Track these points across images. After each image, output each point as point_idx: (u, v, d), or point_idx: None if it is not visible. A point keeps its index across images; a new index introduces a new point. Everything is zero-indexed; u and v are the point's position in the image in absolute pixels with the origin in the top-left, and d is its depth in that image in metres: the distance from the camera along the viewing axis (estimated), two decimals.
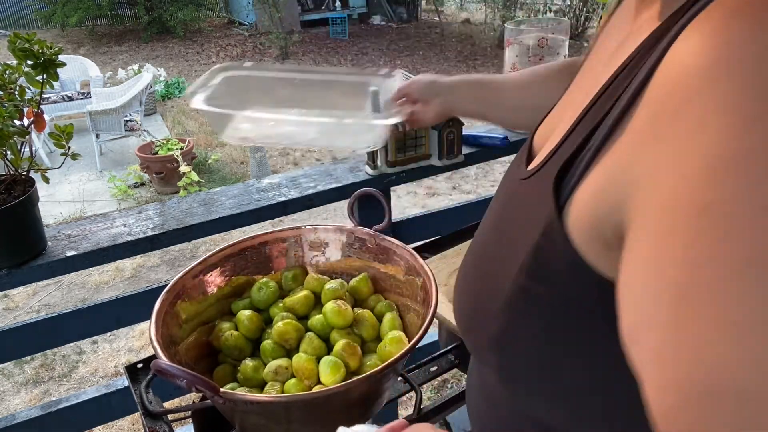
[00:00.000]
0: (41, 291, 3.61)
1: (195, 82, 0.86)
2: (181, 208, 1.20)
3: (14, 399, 2.78)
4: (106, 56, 9.91)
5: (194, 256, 3.91)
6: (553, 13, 9.31)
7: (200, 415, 0.81)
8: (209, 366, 0.88)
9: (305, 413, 0.74)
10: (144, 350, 3.04)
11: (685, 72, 0.33)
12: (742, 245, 0.29)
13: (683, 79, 0.33)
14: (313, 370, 0.82)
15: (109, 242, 1.09)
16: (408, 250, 0.90)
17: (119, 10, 11.92)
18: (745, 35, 0.31)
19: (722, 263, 0.29)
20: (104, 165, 5.52)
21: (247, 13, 11.42)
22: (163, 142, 4.99)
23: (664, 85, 0.35)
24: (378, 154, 1.29)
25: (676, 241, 0.31)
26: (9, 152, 0.99)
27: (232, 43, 10.67)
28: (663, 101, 0.35)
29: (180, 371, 0.66)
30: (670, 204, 0.32)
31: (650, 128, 0.35)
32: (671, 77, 0.35)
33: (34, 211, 1.03)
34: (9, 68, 0.97)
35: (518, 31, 1.39)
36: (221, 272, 0.94)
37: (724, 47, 0.32)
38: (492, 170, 5.13)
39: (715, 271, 0.29)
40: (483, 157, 1.44)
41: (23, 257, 1.03)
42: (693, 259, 0.30)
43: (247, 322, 0.89)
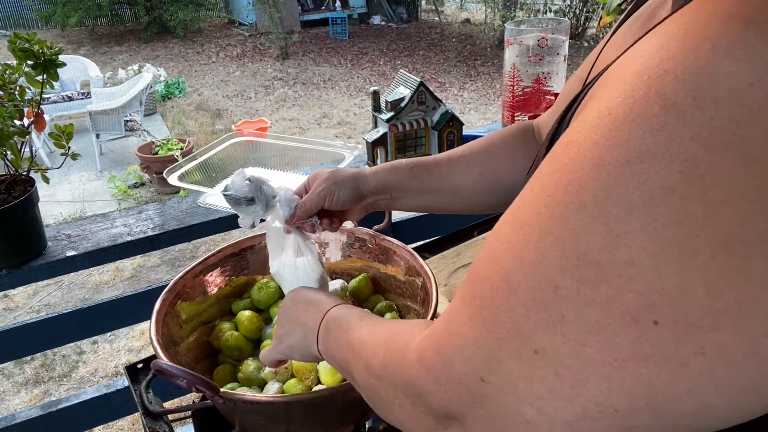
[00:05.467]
0: (41, 291, 3.61)
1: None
2: (181, 208, 1.20)
3: (14, 399, 2.78)
4: (106, 56, 9.91)
5: (194, 256, 3.90)
6: (553, 13, 9.31)
7: (200, 415, 0.81)
8: (209, 366, 0.88)
9: (305, 413, 0.74)
10: (144, 350, 3.04)
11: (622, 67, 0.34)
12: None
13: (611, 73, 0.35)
14: (313, 368, 0.82)
15: (109, 242, 1.09)
16: (408, 250, 0.90)
17: (119, 10, 11.92)
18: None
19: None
20: (104, 165, 5.52)
21: (247, 13, 11.42)
22: (163, 142, 4.99)
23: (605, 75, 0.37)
24: (378, 154, 1.29)
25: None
26: (9, 152, 0.99)
27: (232, 43, 10.66)
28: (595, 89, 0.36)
29: (180, 371, 0.66)
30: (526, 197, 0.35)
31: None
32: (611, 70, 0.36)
33: (34, 211, 1.03)
34: (9, 68, 0.97)
35: (518, 31, 1.39)
36: (221, 272, 0.94)
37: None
38: None
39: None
40: None
41: (23, 257, 1.03)
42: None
43: (247, 322, 0.89)
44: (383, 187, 0.75)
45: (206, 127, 6.63)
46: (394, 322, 0.55)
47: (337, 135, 6.34)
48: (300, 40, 10.45)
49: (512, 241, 0.35)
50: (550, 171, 0.34)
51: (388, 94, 1.29)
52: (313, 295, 0.68)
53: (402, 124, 1.27)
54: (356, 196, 0.75)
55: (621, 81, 0.32)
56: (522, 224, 0.34)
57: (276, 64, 9.30)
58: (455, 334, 0.38)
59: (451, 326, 0.39)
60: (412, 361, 0.43)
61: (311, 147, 1.24)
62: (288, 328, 0.68)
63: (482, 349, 0.35)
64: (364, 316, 0.59)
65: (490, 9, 10.45)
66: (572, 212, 0.31)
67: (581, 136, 0.33)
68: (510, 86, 1.44)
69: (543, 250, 0.32)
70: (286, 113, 7.19)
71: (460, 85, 8.08)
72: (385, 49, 10.00)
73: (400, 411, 0.46)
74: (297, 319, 0.66)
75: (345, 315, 0.61)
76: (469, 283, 0.39)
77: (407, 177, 0.75)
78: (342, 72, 8.85)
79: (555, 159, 0.34)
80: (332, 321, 0.61)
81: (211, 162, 1.19)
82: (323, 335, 0.62)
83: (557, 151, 0.35)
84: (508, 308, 0.34)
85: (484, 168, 0.75)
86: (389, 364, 0.47)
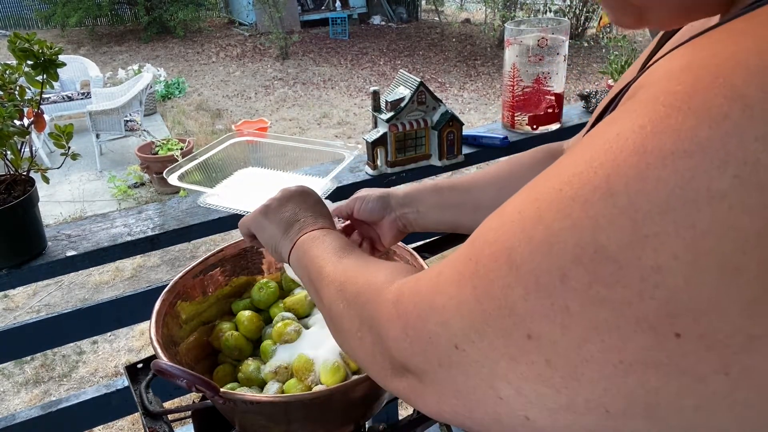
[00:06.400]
0: (41, 291, 3.61)
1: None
2: (181, 208, 1.19)
3: (14, 399, 2.78)
4: (106, 56, 9.91)
5: (194, 256, 3.90)
6: (553, 13, 9.31)
7: (200, 415, 0.81)
8: (209, 366, 0.88)
9: (305, 413, 0.74)
10: (144, 350, 3.04)
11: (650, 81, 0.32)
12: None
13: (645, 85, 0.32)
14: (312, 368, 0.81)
15: (109, 242, 1.09)
16: (408, 250, 0.90)
17: (119, 10, 11.92)
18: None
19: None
20: (104, 165, 5.52)
21: (247, 13, 11.41)
22: (163, 142, 4.99)
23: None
24: (378, 154, 1.29)
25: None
26: (9, 152, 0.99)
27: (232, 43, 10.66)
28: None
29: (180, 371, 0.66)
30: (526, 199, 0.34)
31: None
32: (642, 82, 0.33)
33: (34, 211, 1.03)
34: (9, 68, 0.97)
35: (518, 31, 1.39)
36: (221, 272, 0.94)
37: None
38: None
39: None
40: (483, 157, 1.44)
41: (23, 257, 1.03)
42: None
43: (247, 322, 0.89)
44: (410, 200, 0.76)
45: (206, 127, 6.63)
46: (381, 260, 0.54)
47: (337, 135, 6.34)
48: (300, 40, 10.45)
49: (524, 213, 0.32)
50: (581, 148, 0.31)
51: (388, 94, 1.29)
52: (318, 206, 0.69)
53: (402, 124, 1.27)
54: (384, 205, 0.76)
55: (682, 70, 0.29)
56: (539, 197, 0.32)
57: (276, 64, 9.30)
58: (438, 291, 0.36)
59: (439, 282, 0.37)
60: (387, 300, 0.42)
61: (311, 147, 1.24)
62: (281, 206, 0.68)
63: (464, 317, 0.34)
64: (355, 247, 0.60)
65: (490, 9, 10.44)
66: (597, 198, 0.28)
67: (626, 116, 0.30)
68: (510, 86, 1.44)
69: (556, 233, 0.29)
70: (286, 113, 7.19)
71: (460, 85, 8.08)
72: (385, 49, 10.00)
73: (358, 344, 0.45)
74: (293, 209, 0.67)
75: (336, 239, 0.61)
76: (471, 241, 0.36)
77: (431, 191, 0.76)
78: (342, 72, 8.85)
79: (591, 136, 0.31)
80: (322, 237, 0.61)
81: (211, 162, 1.19)
82: (305, 242, 0.61)
83: (595, 129, 0.32)
84: (504, 284, 0.31)
85: (506, 185, 0.75)
86: (363, 293, 0.46)
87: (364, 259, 0.55)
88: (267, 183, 1.24)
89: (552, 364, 0.30)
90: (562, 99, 1.48)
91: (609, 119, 0.31)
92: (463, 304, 0.34)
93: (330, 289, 0.52)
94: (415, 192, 0.77)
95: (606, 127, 0.31)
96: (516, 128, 1.48)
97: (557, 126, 1.50)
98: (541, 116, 1.46)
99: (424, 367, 0.37)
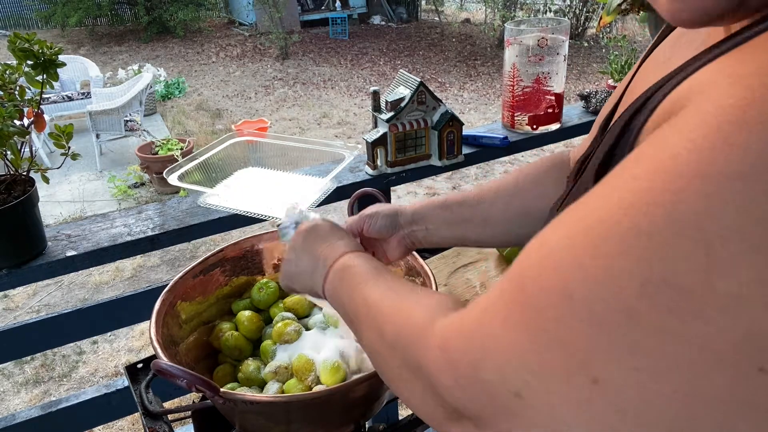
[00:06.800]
0: (41, 291, 3.61)
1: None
2: (181, 208, 1.19)
3: (14, 399, 2.78)
4: (106, 56, 9.91)
5: (194, 256, 3.90)
6: (553, 13, 9.31)
7: (200, 415, 0.81)
8: (209, 366, 0.88)
9: (305, 413, 0.74)
10: (144, 350, 3.04)
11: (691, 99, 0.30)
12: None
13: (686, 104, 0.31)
14: (312, 368, 0.81)
15: (109, 242, 1.09)
16: None
17: (119, 10, 11.92)
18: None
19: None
20: (104, 165, 5.52)
21: (247, 13, 11.41)
22: (163, 142, 4.99)
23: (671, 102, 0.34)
24: (378, 154, 1.29)
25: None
26: (9, 152, 0.99)
27: (232, 43, 10.66)
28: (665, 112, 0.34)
29: (180, 371, 0.66)
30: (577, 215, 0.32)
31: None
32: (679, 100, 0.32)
33: (34, 211, 1.03)
34: (9, 68, 0.97)
35: (518, 31, 1.39)
36: (221, 272, 0.94)
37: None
38: (492, 170, 5.13)
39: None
40: (483, 157, 1.44)
41: (23, 257, 1.03)
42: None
43: (247, 322, 0.89)
44: (419, 218, 0.76)
45: (206, 127, 6.63)
46: (415, 288, 0.52)
47: (337, 135, 6.34)
48: (300, 40, 10.45)
49: (576, 244, 0.30)
50: (633, 174, 0.30)
51: (388, 94, 1.29)
52: (331, 231, 0.67)
53: (402, 124, 1.27)
54: (393, 224, 0.75)
55: (731, 84, 0.28)
56: (592, 227, 0.30)
57: (276, 64, 9.30)
58: (488, 334, 0.35)
59: (485, 322, 0.36)
60: (432, 346, 0.40)
61: (311, 147, 1.24)
62: (298, 256, 0.67)
63: (519, 361, 0.32)
64: (383, 271, 0.57)
65: (490, 9, 10.45)
66: (661, 227, 0.26)
67: (677, 136, 0.28)
68: (510, 86, 1.44)
69: (617, 266, 0.28)
70: (286, 113, 7.19)
71: (460, 85, 8.08)
72: (385, 49, 10.00)
73: (406, 387, 0.44)
74: (308, 251, 0.66)
75: (363, 265, 0.58)
76: (514, 277, 0.34)
77: (440, 208, 0.76)
78: (342, 72, 8.85)
79: (637, 160, 0.30)
80: (349, 267, 0.59)
81: (211, 162, 1.19)
82: (334, 277, 0.60)
83: (646, 153, 0.30)
84: (561, 320, 0.30)
85: (513, 197, 0.74)
86: (404, 337, 0.44)
87: (396, 290, 0.52)
88: (267, 183, 1.24)
89: (623, 412, 0.28)
90: (562, 99, 1.48)
91: (656, 140, 0.30)
92: (517, 347, 0.32)
93: (369, 332, 0.50)
94: (423, 209, 0.76)
95: (655, 149, 0.29)
96: (516, 128, 1.48)
97: (557, 126, 1.50)
98: (541, 116, 1.46)
99: (481, 414, 0.36)
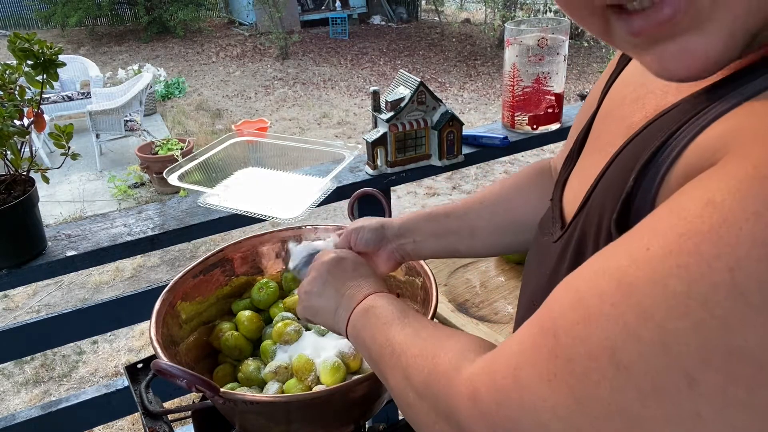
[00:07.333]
0: (41, 291, 3.61)
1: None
2: (181, 208, 1.19)
3: (14, 399, 2.78)
4: (106, 56, 9.91)
5: (194, 256, 3.90)
6: (553, 13, 9.31)
7: (200, 415, 0.81)
8: (209, 366, 0.88)
9: (305, 413, 0.74)
10: (144, 350, 3.04)
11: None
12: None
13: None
14: (312, 368, 0.81)
15: (109, 242, 1.09)
16: None
17: (119, 10, 11.92)
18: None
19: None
20: (104, 165, 5.52)
21: (247, 13, 11.41)
22: (163, 142, 4.99)
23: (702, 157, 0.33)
24: (378, 154, 1.29)
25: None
26: (9, 152, 0.99)
27: (232, 43, 10.66)
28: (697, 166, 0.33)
29: (180, 371, 0.66)
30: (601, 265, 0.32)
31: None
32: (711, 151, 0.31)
33: (34, 211, 1.03)
34: (9, 68, 0.96)
35: (518, 31, 1.39)
36: (221, 272, 0.94)
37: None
38: (492, 170, 5.13)
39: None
40: (483, 157, 1.44)
41: (23, 257, 1.03)
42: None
43: (247, 322, 0.89)
44: (406, 231, 0.75)
45: (206, 127, 6.63)
46: (441, 331, 0.51)
47: (337, 135, 6.34)
48: (300, 40, 10.45)
49: (619, 306, 0.29)
50: (677, 232, 0.28)
51: (388, 94, 1.29)
52: (359, 268, 0.67)
53: (402, 124, 1.27)
54: (379, 237, 0.75)
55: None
56: (635, 289, 0.29)
57: (276, 64, 9.30)
58: (527, 389, 0.34)
59: (521, 376, 0.35)
60: (462, 394, 0.40)
61: (311, 147, 1.24)
62: (321, 290, 0.66)
63: (564, 420, 0.31)
64: (408, 313, 0.56)
65: (490, 9, 10.45)
66: (723, 297, 0.25)
67: (731, 198, 0.27)
68: (510, 86, 1.44)
69: (673, 333, 0.27)
70: (286, 113, 7.19)
71: (460, 85, 8.08)
72: (385, 49, 10.00)
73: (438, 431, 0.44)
74: (334, 286, 0.65)
75: (387, 306, 0.58)
76: (550, 333, 0.34)
77: (426, 220, 0.76)
78: (342, 72, 8.85)
79: (684, 218, 0.28)
80: (373, 308, 0.59)
81: (211, 162, 1.19)
82: (358, 319, 0.60)
83: (689, 208, 0.29)
84: (612, 386, 0.29)
85: (498, 207, 0.75)
86: (433, 386, 0.44)
87: (421, 333, 0.52)
88: (267, 183, 1.24)
89: None
90: (562, 99, 1.48)
91: (704, 195, 0.29)
92: (561, 407, 0.32)
93: (396, 378, 0.50)
94: (410, 222, 0.76)
95: (704, 207, 0.28)
96: (516, 128, 1.48)
97: (557, 126, 1.50)
98: (541, 116, 1.46)
99: None
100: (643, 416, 0.28)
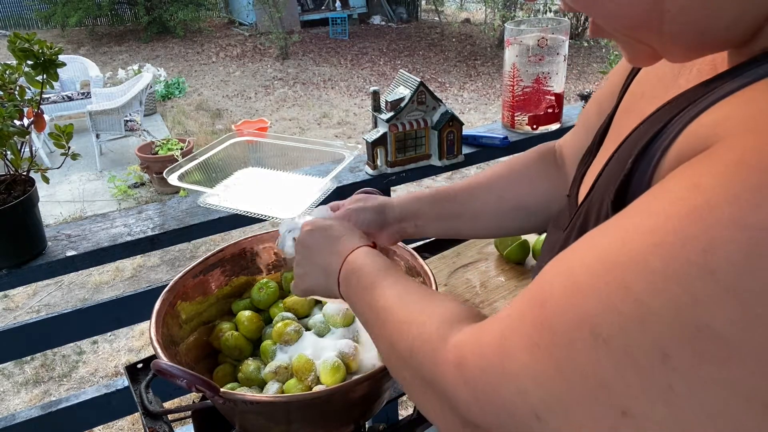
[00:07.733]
0: (41, 291, 3.61)
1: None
2: (181, 208, 1.20)
3: (14, 399, 2.78)
4: (106, 56, 9.91)
5: (194, 256, 3.90)
6: (553, 13, 9.31)
7: (200, 415, 0.81)
8: (209, 366, 0.88)
9: (305, 413, 0.74)
10: (144, 350, 3.04)
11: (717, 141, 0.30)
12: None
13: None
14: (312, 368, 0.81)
15: (109, 242, 1.09)
16: (408, 250, 0.90)
17: (119, 10, 11.92)
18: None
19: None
20: (104, 165, 5.52)
21: (247, 13, 11.41)
22: (163, 142, 4.98)
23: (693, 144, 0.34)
24: (378, 154, 1.29)
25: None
26: (9, 152, 0.99)
27: (232, 43, 10.66)
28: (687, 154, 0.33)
29: (180, 371, 0.66)
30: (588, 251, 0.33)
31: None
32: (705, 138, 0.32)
33: (34, 211, 1.03)
34: (9, 68, 0.97)
35: (518, 31, 1.39)
36: (221, 272, 0.94)
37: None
38: None
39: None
40: (483, 157, 1.44)
41: (23, 257, 1.03)
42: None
43: (247, 322, 0.89)
44: (408, 214, 0.75)
45: (206, 127, 6.63)
46: (424, 294, 0.51)
47: (337, 135, 6.34)
48: (300, 40, 10.45)
49: (603, 280, 0.30)
50: (663, 212, 0.29)
51: (388, 94, 1.29)
52: (331, 232, 0.67)
53: (402, 124, 1.27)
54: (381, 221, 0.74)
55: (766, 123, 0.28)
56: (618, 266, 0.30)
57: (276, 64, 9.30)
58: (510, 357, 0.35)
59: (506, 344, 0.36)
60: (447, 361, 0.40)
61: (311, 147, 1.24)
62: (307, 268, 0.67)
63: (543, 387, 0.32)
64: (389, 272, 0.57)
65: (490, 9, 10.45)
66: (696, 275, 0.26)
67: (715, 182, 0.28)
68: (510, 86, 1.44)
69: (649, 309, 0.28)
70: (286, 113, 7.18)
71: (460, 85, 8.08)
72: (385, 49, 9.99)
73: (424, 401, 0.44)
74: (315, 260, 0.66)
75: (367, 266, 0.58)
76: (536, 303, 0.35)
77: (429, 203, 0.75)
78: (342, 72, 8.85)
79: (669, 200, 0.30)
80: (353, 272, 0.59)
81: (211, 162, 1.19)
82: (344, 283, 0.60)
83: (675, 190, 0.30)
84: (592, 357, 0.30)
85: (504, 192, 0.74)
86: (418, 353, 0.44)
87: (403, 297, 0.52)
88: (267, 183, 1.24)
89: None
90: (562, 99, 1.48)
91: (686, 179, 0.30)
92: (542, 374, 0.33)
93: (383, 343, 0.50)
94: (411, 205, 0.75)
95: (691, 191, 0.29)
96: (516, 128, 1.48)
97: (557, 126, 1.50)
98: (541, 116, 1.46)
99: (499, 429, 0.36)
100: (620, 388, 0.29)
